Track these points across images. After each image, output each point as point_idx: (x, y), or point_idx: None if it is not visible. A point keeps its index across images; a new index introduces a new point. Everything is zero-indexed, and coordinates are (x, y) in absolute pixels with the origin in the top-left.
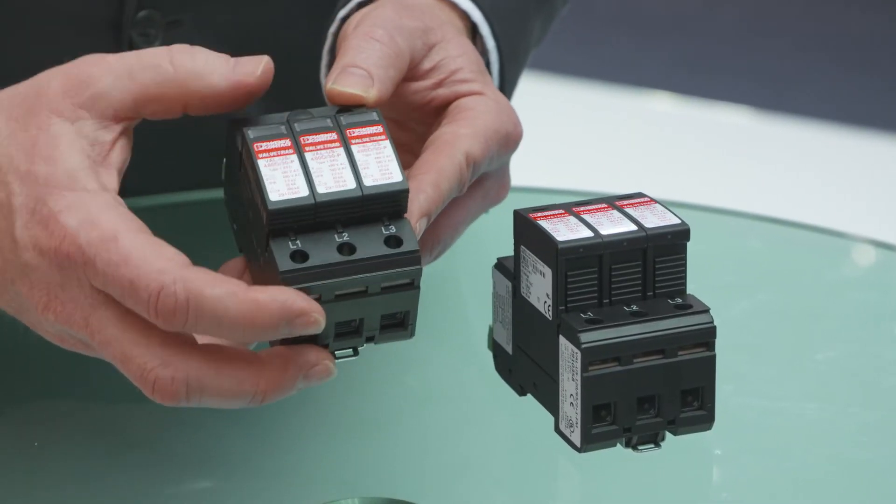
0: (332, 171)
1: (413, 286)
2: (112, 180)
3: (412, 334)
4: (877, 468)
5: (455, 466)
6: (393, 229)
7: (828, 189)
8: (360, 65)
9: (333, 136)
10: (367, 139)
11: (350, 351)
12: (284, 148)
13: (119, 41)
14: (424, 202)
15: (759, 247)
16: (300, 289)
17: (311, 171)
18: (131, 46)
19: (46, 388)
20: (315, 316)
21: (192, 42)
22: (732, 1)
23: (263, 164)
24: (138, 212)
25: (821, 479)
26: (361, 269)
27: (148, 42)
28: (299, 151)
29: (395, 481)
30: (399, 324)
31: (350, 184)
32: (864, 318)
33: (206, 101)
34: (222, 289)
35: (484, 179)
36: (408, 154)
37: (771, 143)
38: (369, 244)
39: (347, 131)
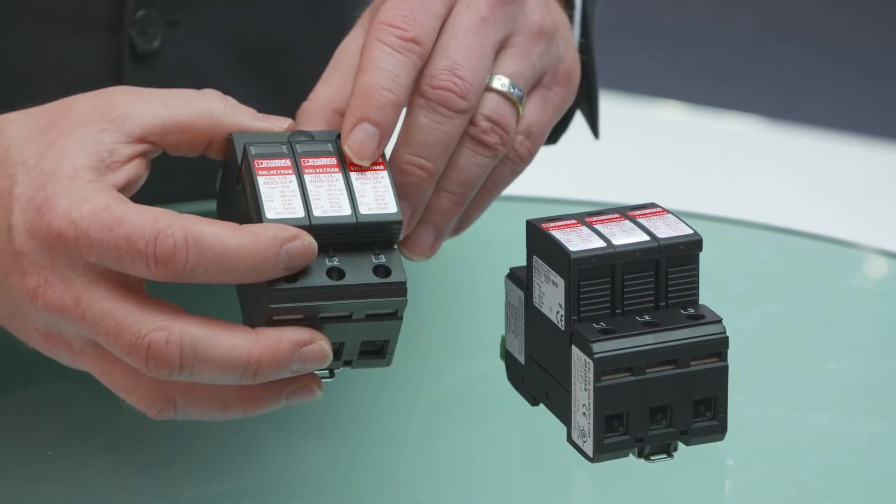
0: (329, 196)
1: (396, 316)
2: (118, 182)
3: (389, 363)
4: (889, 478)
5: (467, 476)
6: (382, 259)
7: (839, 199)
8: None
9: (333, 160)
10: (365, 168)
11: (326, 373)
12: (284, 168)
13: (118, 41)
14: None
15: (771, 257)
16: (287, 308)
17: (309, 193)
18: (131, 46)
19: (44, 388)
20: (307, 240)
21: (190, 42)
22: (743, 10)
23: (262, 182)
24: None
25: (833, 488)
26: (348, 295)
27: (147, 41)
28: (298, 173)
29: (406, 491)
30: (377, 352)
31: (346, 210)
32: (876, 329)
33: None
34: (218, 225)
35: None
36: None
37: (782, 152)
38: (358, 271)
39: (347, 157)
